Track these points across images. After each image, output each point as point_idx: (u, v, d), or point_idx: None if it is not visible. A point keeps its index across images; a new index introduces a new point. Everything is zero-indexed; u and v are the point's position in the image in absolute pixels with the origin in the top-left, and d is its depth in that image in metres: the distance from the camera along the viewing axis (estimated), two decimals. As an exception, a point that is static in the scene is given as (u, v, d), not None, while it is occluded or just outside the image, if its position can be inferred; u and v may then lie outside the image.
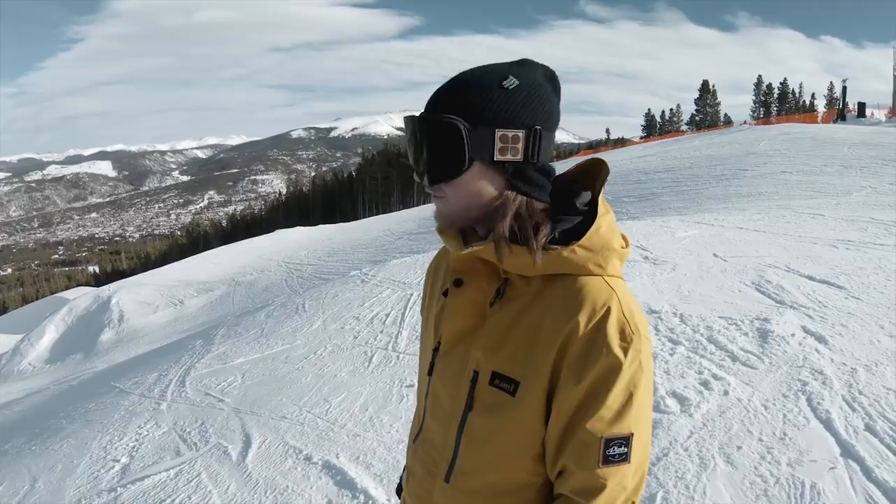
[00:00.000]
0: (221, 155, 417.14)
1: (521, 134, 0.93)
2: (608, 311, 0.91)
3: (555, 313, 0.93)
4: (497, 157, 0.93)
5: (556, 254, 0.93)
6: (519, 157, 0.93)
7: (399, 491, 1.35)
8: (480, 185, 0.95)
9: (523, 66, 0.98)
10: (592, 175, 1.04)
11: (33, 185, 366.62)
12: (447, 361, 1.04)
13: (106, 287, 21.18)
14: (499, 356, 0.96)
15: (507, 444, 0.96)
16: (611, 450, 0.88)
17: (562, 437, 0.92)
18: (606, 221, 0.97)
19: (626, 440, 0.89)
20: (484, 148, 0.92)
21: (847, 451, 2.64)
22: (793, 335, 3.85)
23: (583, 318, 0.90)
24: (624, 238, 1.00)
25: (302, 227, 30.55)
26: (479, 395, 0.98)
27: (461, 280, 1.01)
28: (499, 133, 0.92)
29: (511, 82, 0.93)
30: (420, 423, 1.14)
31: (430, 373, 1.09)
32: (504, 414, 0.96)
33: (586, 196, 1.00)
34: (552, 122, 0.97)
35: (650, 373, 0.94)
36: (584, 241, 0.93)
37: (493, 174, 0.94)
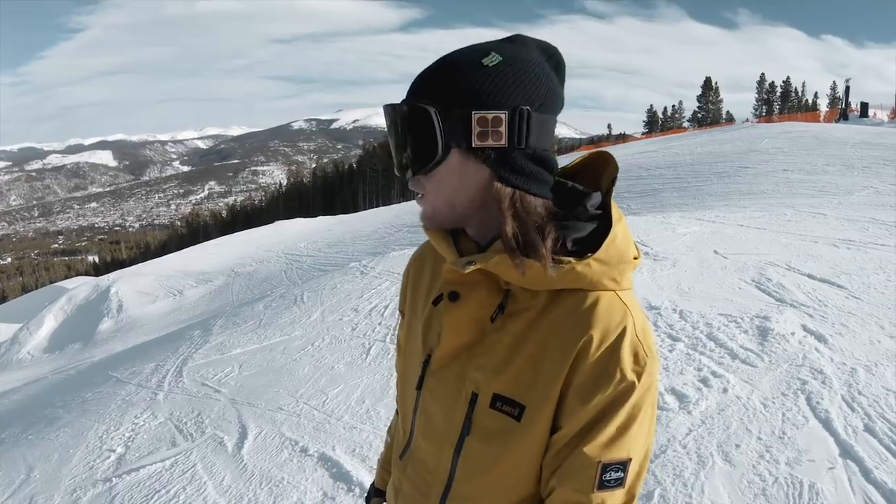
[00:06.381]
0: (222, 145, 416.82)
1: (503, 116, 0.82)
2: (623, 331, 0.83)
3: (565, 332, 0.84)
4: (476, 142, 0.83)
5: (570, 268, 0.83)
6: (503, 142, 0.83)
7: (368, 500, 1.28)
8: (462, 176, 0.85)
9: (513, 42, 0.88)
10: (596, 170, 0.93)
11: (33, 174, 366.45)
12: (441, 378, 0.94)
13: (105, 277, 21.19)
14: (502, 378, 0.87)
15: (510, 472, 0.89)
16: (607, 475, 0.83)
17: (557, 456, 0.86)
18: (622, 229, 0.87)
19: (623, 465, 0.84)
20: (460, 133, 0.83)
21: (846, 452, 2.63)
22: (793, 334, 3.83)
23: (596, 338, 0.83)
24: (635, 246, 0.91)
25: (302, 219, 30.49)
26: (479, 418, 0.89)
27: (457, 293, 0.89)
28: (476, 116, 0.82)
29: (493, 59, 0.83)
30: (407, 438, 1.04)
31: (418, 387, 0.98)
32: (508, 440, 0.87)
33: (596, 198, 0.88)
34: (549, 102, 0.86)
35: (656, 392, 0.88)
36: (600, 253, 0.84)
37: (477, 164, 0.84)
